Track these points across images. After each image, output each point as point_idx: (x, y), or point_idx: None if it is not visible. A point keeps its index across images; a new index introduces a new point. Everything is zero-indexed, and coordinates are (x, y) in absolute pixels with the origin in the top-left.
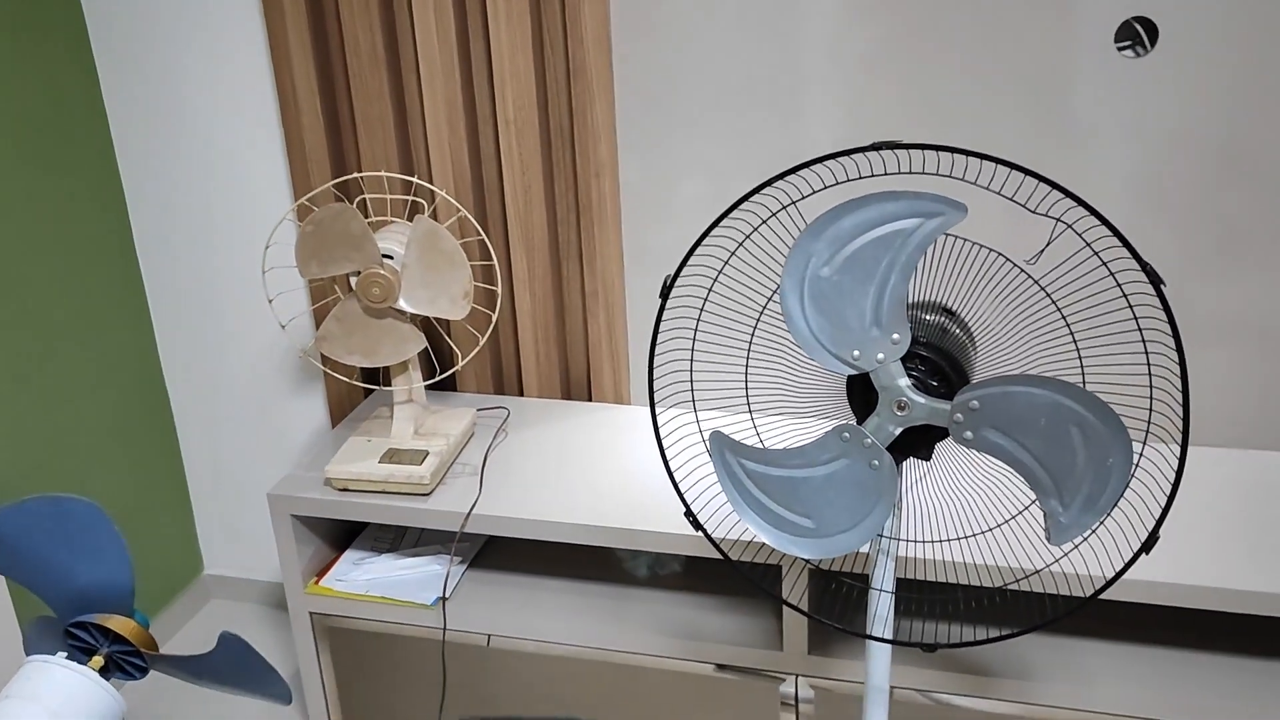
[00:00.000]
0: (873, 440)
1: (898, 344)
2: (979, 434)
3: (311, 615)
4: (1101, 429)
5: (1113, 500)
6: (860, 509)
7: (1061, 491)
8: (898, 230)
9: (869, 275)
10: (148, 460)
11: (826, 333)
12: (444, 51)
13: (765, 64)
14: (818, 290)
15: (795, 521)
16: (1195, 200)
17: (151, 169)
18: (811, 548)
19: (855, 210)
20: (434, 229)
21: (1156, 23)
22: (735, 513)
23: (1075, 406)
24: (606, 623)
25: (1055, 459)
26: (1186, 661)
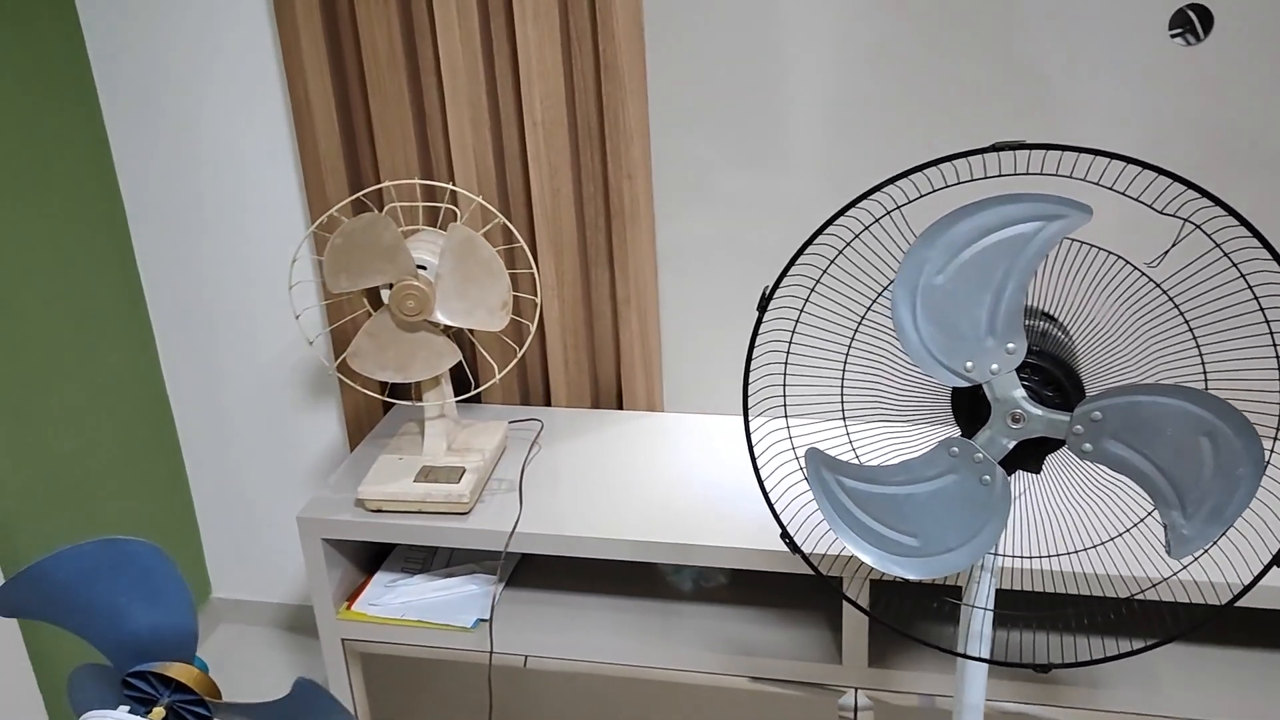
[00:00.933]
0: (984, 455)
1: (1013, 354)
2: (1099, 445)
3: (344, 642)
4: (1234, 438)
5: (1239, 511)
6: (970, 527)
7: (1185, 503)
8: (1017, 235)
9: (985, 282)
10: (152, 482)
11: (939, 343)
12: (467, 50)
13: (810, 58)
14: (931, 299)
15: (898, 540)
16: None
17: (153, 180)
18: (916, 567)
19: (972, 214)
20: (470, 237)
21: (1210, 10)
22: (833, 532)
23: (1207, 415)
24: (651, 639)
25: (1181, 470)
26: None
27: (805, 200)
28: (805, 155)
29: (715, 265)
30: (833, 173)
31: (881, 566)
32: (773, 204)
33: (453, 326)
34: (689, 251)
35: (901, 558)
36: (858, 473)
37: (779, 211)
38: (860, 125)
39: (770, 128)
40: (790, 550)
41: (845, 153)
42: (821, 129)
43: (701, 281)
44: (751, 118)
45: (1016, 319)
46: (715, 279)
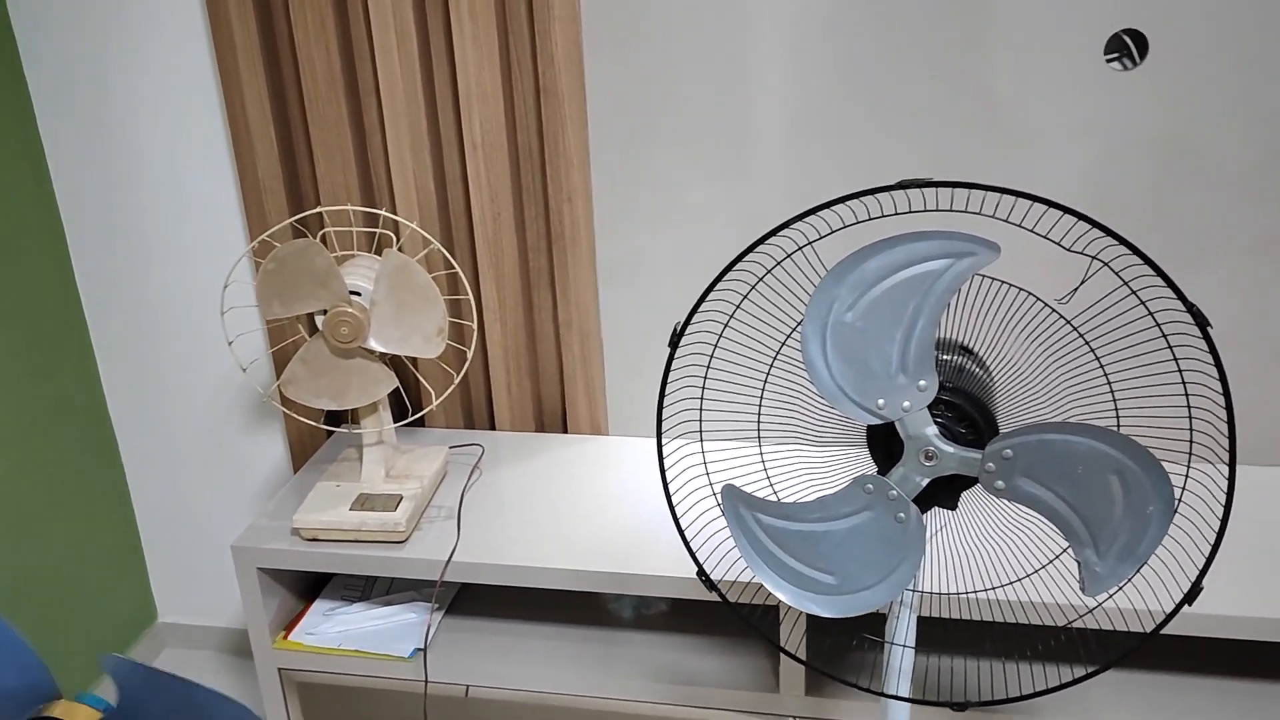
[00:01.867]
0: (898, 492)
1: (925, 391)
2: (1011, 483)
3: (280, 671)
4: (1143, 476)
5: (1151, 549)
6: (886, 564)
7: (1097, 541)
8: (927, 272)
9: (896, 319)
10: (96, 505)
11: (850, 381)
12: (406, 73)
13: (751, 84)
14: (841, 336)
15: (815, 578)
16: (1147, 204)
17: (92, 202)
18: (833, 605)
19: (882, 251)
20: (405, 263)
21: (1146, 35)
22: (750, 569)
23: (1116, 454)
24: (591, 668)
25: (1092, 508)
26: (1234, 691)
27: (749, 222)
28: (747, 177)
29: (658, 288)
30: (780, 191)
31: (798, 604)
32: (716, 226)
33: (388, 353)
34: (631, 274)
35: (819, 595)
36: (775, 510)
37: (722, 234)
38: (804, 149)
39: (713, 151)
40: (707, 588)
41: (789, 175)
42: (762, 151)
43: (644, 305)
44: (693, 141)
45: (928, 356)
46: (658, 302)
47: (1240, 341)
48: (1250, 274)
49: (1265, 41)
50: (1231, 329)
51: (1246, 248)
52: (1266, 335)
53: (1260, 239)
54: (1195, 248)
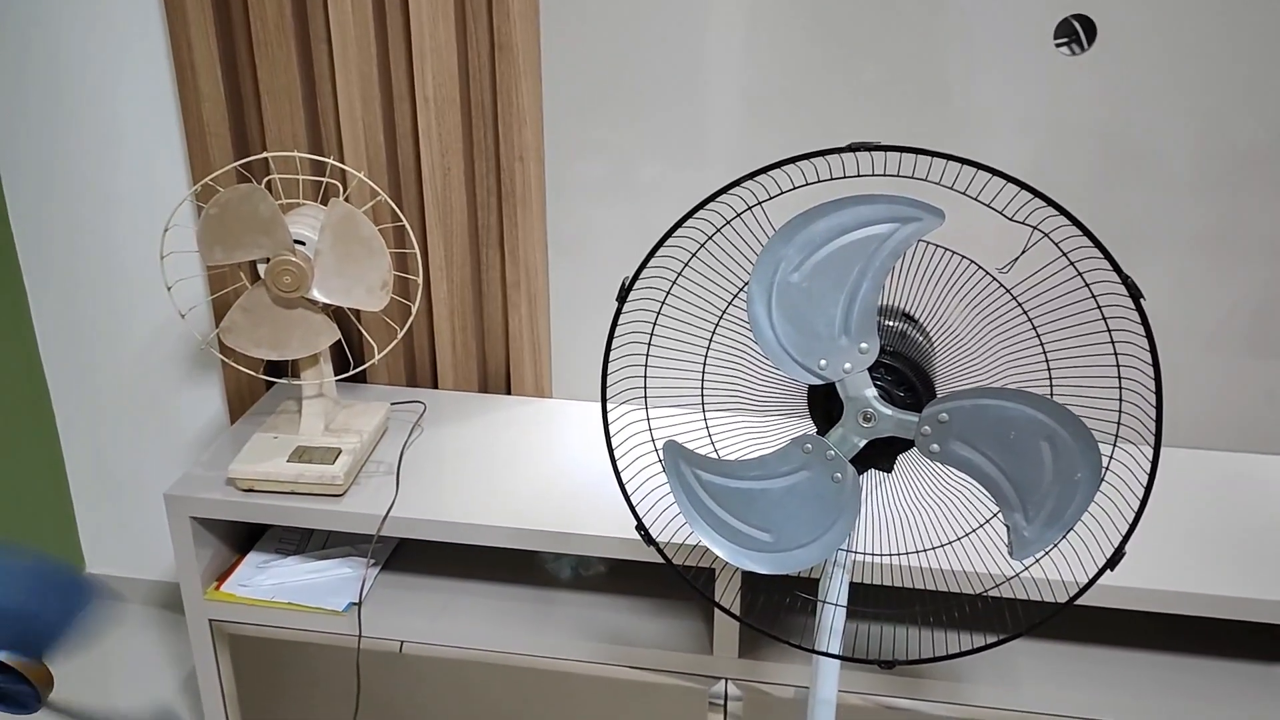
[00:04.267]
0: (836, 453)
1: (866, 354)
2: (946, 447)
3: (211, 623)
4: (1072, 443)
5: (1077, 515)
6: (821, 523)
7: (1026, 506)
8: (872, 235)
9: (840, 282)
10: (23, 452)
11: (793, 340)
12: (358, 20)
13: (711, 48)
14: (786, 297)
15: (751, 535)
16: (1090, 196)
17: (26, 141)
18: (768, 562)
19: (829, 213)
20: (351, 214)
21: (1095, 20)
22: (688, 524)
23: (1047, 420)
24: (528, 627)
25: (1022, 473)
26: (1153, 664)
27: (701, 189)
28: (703, 144)
29: (607, 252)
30: (730, 163)
31: (734, 560)
32: (668, 192)
33: (331, 305)
34: (581, 237)
35: (754, 552)
36: (714, 467)
37: (674, 200)
38: (766, 117)
39: (670, 116)
40: (645, 543)
41: (744, 143)
42: (714, 131)
43: (593, 268)
44: (650, 105)
45: (870, 319)
46: (607, 266)
47: (1173, 332)
48: (1186, 267)
49: (1212, 33)
50: (1166, 320)
51: (1184, 241)
52: (1199, 328)
53: (1198, 233)
54: (1134, 239)
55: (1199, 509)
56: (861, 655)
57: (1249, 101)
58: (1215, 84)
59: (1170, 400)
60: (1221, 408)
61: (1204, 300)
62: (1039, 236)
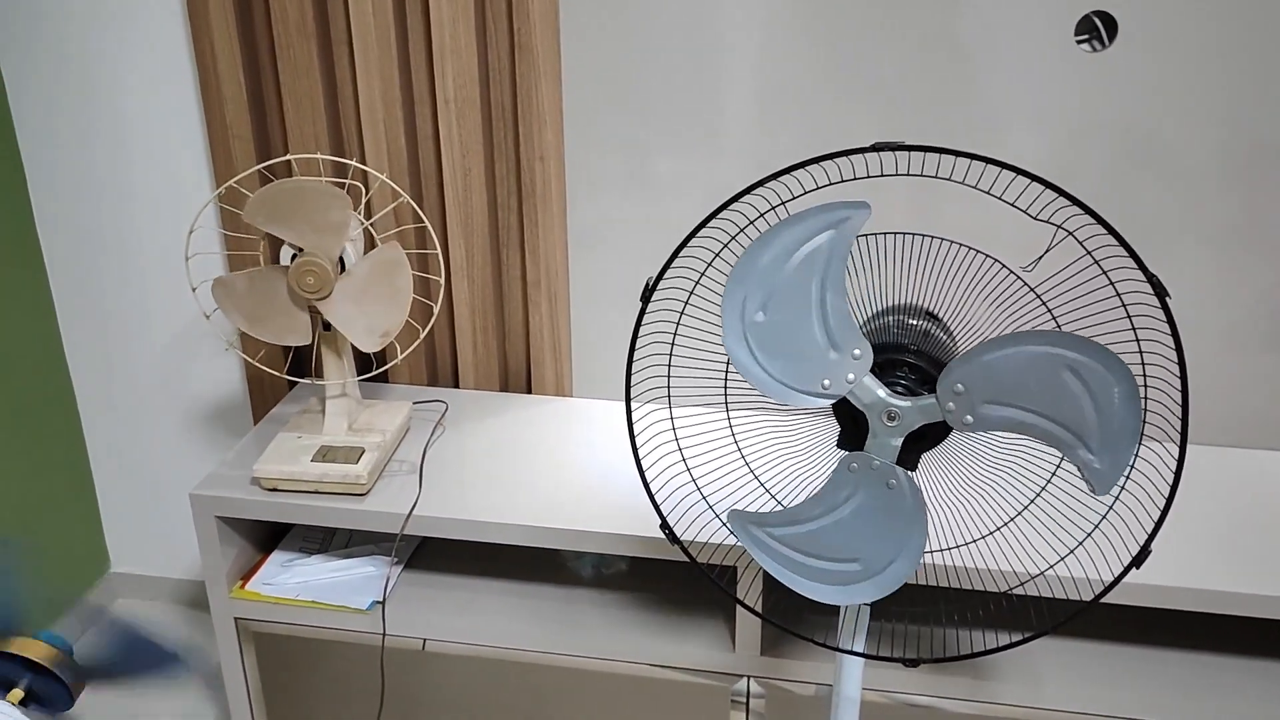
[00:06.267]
0: (880, 462)
1: (860, 358)
2: (977, 414)
3: (236, 621)
4: (1095, 365)
5: (1137, 425)
6: (897, 533)
7: (1084, 439)
8: (814, 249)
9: (805, 303)
10: (50, 451)
11: (787, 373)
12: (379, 23)
13: (731, 44)
14: (761, 335)
15: (843, 570)
16: (1109, 193)
17: (55, 143)
18: (869, 590)
19: (769, 244)
20: (399, 261)
21: (1116, 17)
22: (788, 585)
23: (1059, 351)
24: (550, 625)
25: (1062, 410)
26: (1177, 662)
27: (721, 186)
28: (724, 141)
29: (627, 251)
30: (753, 158)
31: (847, 600)
32: (688, 190)
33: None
34: (601, 236)
35: (854, 585)
36: (780, 519)
37: (694, 198)
38: (785, 113)
39: (688, 113)
40: (669, 541)
41: (763, 140)
42: (733, 125)
43: (613, 267)
44: (668, 103)
45: (850, 325)
46: (627, 264)
47: (1193, 329)
48: (1206, 264)
49: (1233, 29)
50: (1186, 317)
51: (1204, 238)
52: (1219, 324)
53: (1217, 230)
54: (1155, 235)
55: (1220, 506)
56: (885, 653)
57: (1270, 98)
58: (1236, 80)
59: (1191, 398)
60: (1243, 404)
61: (1224, 297)
62: (1064, 235)
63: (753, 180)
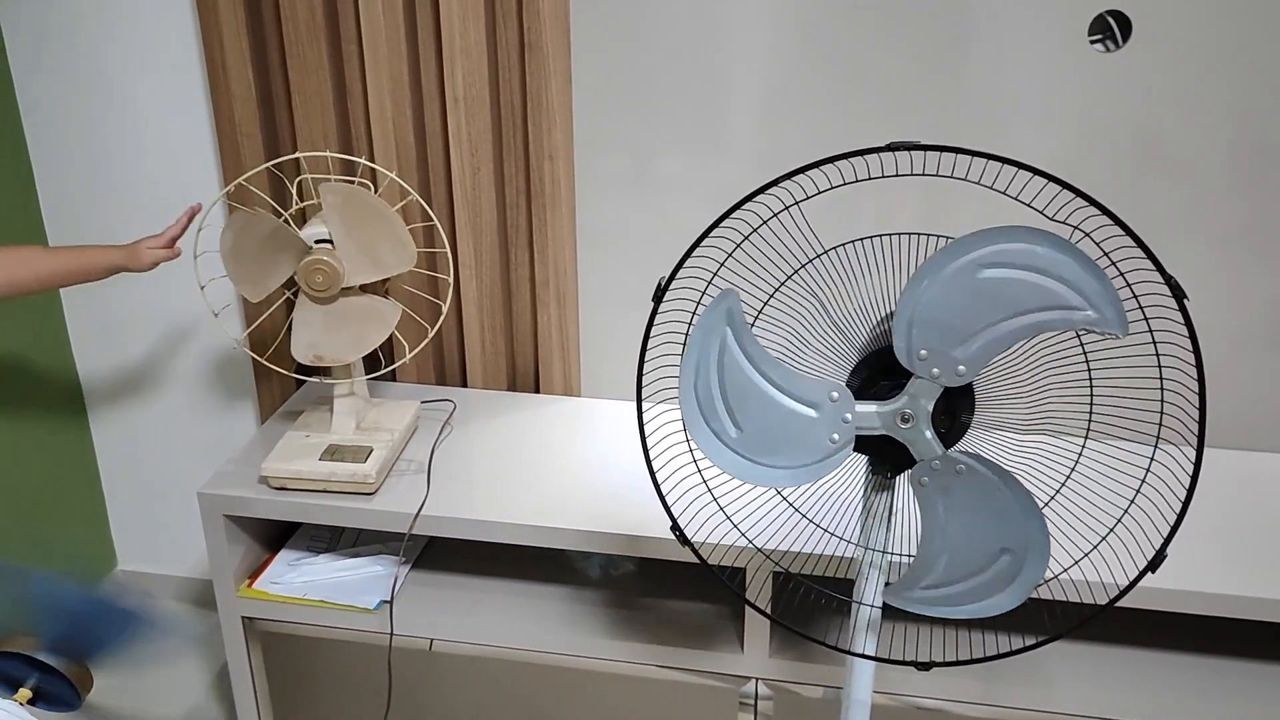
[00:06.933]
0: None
1: (839, 399)
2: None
3: (244, 620)
4: (1003, 247)
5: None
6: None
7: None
8: (722, 352)
9: (758, 394)
10: (57, 449)
11: (797, 456)
12: (389, 21)
13: (738, 44)
14: (749, 445)
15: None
16: (1121, 193)
17: (63, 140)
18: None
19: (690, 375)
20: (349, 194)
21: (1129, 17)
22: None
23: (961, 261)
24: (557, 625)
25: (1020, 298)
26: (1189, 666)
27: (731, 187)
28: (733, 141)
29: (636, 250)
30: (762, 158)
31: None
32: (697, 190)
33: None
34: (610, 236)
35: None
36: (919, 575)
37: (703, 197)
38: (793, 114)
39: (698, 113)
40: (680, 542)
41: (775, 139)
42: (749, 115)
43: (622, 266)
44: (678, 103)
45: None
46: (636, 264)
47: (1205, 331)
48: (1218, 265)
49: (1247, 30)
50: (1197, 318)
51: (1214, 238)
52: (1231, 326)
53: (1228, 231)
54: (1163, 236)
55: (1231, 510)
56: (896, 656)
57: (1279, 99)
58: (1244, 81)
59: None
60: (1255, 407)
61: (1233, 299)
62: (1080, 236)
63: (759, 180)
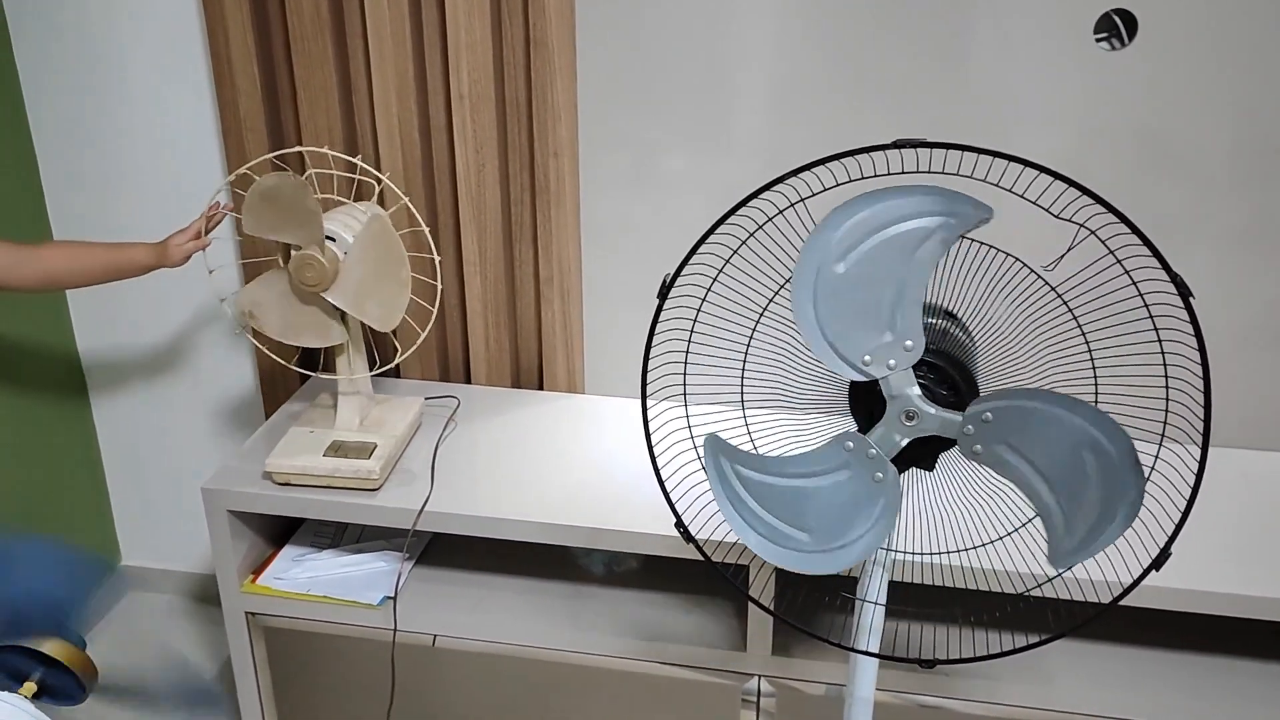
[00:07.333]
0: (878, 452)
1: (910, 351)
2: (989, 449)
3: (247, 615)
4: (1118, 461)
5: (1118, 533)
6: (861, 523)
7: (1070, 520)
8: (917, 228)
9: (886, 275)
10: (60, 443)
11: (838, 334)
12: (394, 17)
13: (745, 42)
14: (830, 288)
15: (790, 534)
16: (1126, 191)
17: (68, 134)
18: (808, 562)
19: (874, 203)
20: (385, 230)
21: (1135, 16)
22: (727, 524)
23: (1096, 433)
24: (561, 622)
25: (1066, 485)
26: (1191, 665)
27: (736, 184)
28: (737, 139)
29: (640, 247)
30: (766, 156)
31: (771, 559)
32: (702, 187)
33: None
34: (614, 233)
35: (793, 552)
36: (754, 463)
37: (708, 195)
38: (797, 111)
39: (702, 110)
40: (684, 539)
41: (779, 137)
42: (753, 113)
43: (626, 263)
44: (683, 99)
45: (915, 316)
46: (640, 262)
47: (1210, 329)
48: (1223, 264)
49: (1253, 28)
50: (1202, 317)
51: (1218, 238)
52: (1236, 324)
53: (1232, 230)
54: (1167, 235)
55: (1234, 509)
56: (899, 654)
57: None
58: (1255, 80)
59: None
60: (1260, 405)
61: (1238, 298)
62: (1085, 234)
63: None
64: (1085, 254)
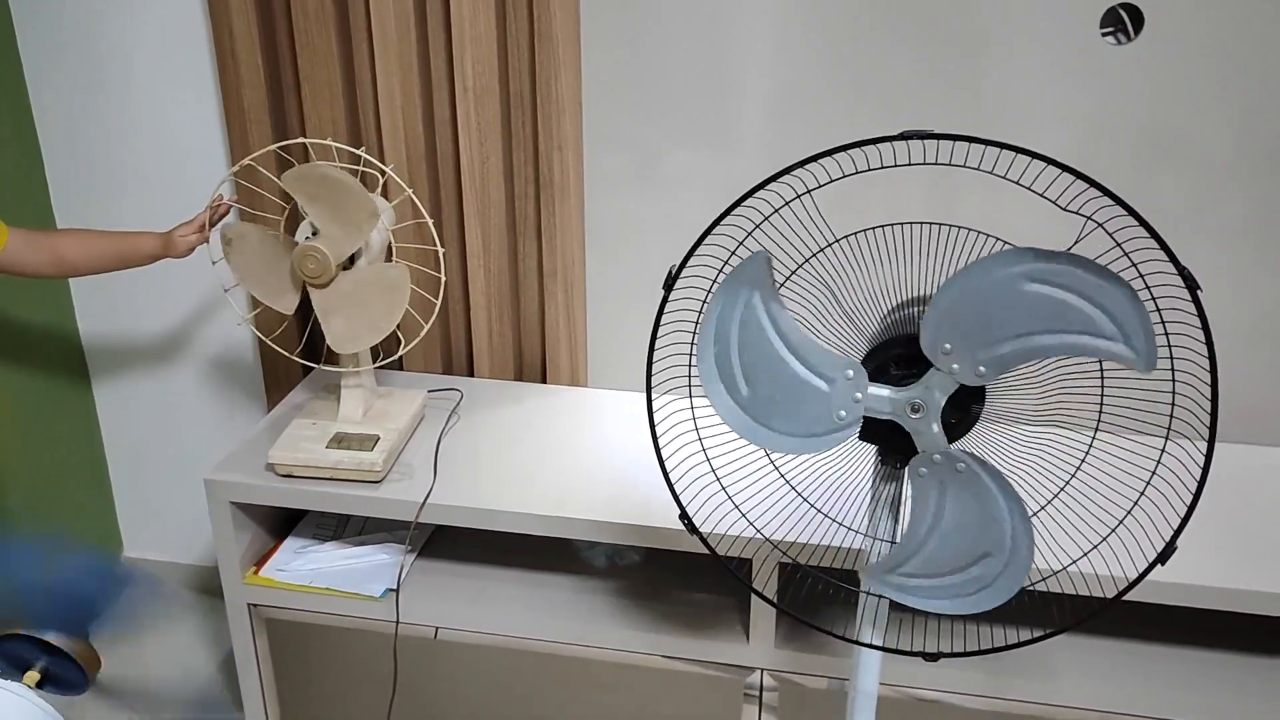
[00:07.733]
0: (938, 454)
1: (856, 376)
2: (985, 360)
3: (250, 607)
4: (1054, 267)
5: (1133, 294)
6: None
7: (1099, 332)
8: (746, 313)
9: (775, 358)
10: (63, 435)
11: (800, 426)
12: (398, 9)
13: (750, 37)
14: (755, 407)
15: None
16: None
17: (72, 126)
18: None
19: (707, 333)
20: (399, 284)
21: (1141, 10)
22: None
23: (1010, 270)
24: (563, 615)
25: (1058, 318)
26: (1195, 660)
27: (739, 179)
28: (741, 136)
29: (644, 242)
30: (769, 152)
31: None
32: (705, 182)
33: None
34: (618, 226)
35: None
36: (902, 556)
37: (711, 191)
38: (801, 106)
39: (706, 107)
40: (689, 532)
41: (783, 133)
42: (758, 110)
43: (629, 258)
44: (687, 95)
45: (824, 354)
46: (643, 256)
47: (1215, 325)
48: (1228, 259)
49: (1259, 23)
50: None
51: (1225, 233)
52: (1241, 320)
53: (1239, 225)
54: (1174, 230)
55: (1240, 504)
56: (903, 647)
57: None
58: (1261, 75)
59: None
60: (1266, 401)
61: (1248, 293)
62: (1093, 227)
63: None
64: (1091, 247)
